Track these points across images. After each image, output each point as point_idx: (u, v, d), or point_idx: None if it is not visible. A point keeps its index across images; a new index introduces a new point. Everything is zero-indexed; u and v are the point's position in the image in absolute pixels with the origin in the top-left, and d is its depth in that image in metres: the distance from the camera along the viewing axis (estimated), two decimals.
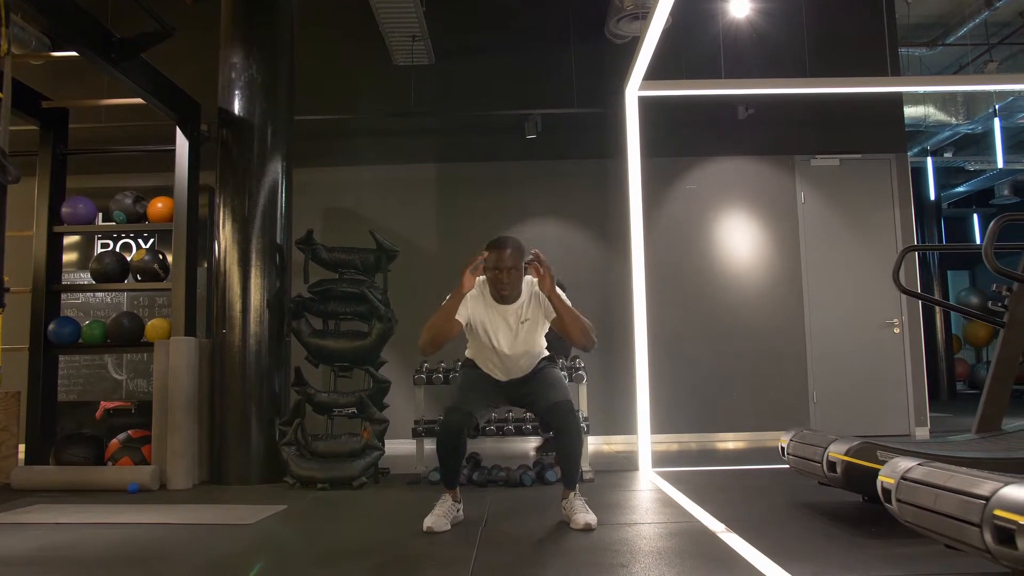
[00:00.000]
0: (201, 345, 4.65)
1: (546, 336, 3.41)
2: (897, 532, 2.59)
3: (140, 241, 6.70)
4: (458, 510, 3.24)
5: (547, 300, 3.20)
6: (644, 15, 5.62)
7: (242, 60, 4.74)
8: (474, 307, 3.23)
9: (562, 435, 3.15)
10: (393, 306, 4.74)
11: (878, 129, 6.86)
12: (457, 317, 3.17)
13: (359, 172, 6.83)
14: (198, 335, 4.76)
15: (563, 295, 3.25)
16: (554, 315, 3.19)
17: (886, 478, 2.27)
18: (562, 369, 3.96)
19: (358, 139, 6.87)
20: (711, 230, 6.76)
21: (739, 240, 6.75)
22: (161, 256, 4.98)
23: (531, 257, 3.20)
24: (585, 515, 3.07)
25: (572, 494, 3.19)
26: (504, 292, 3.19)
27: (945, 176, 11.99)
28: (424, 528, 3.04)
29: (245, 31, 4.80)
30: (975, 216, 13.34)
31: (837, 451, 3.03)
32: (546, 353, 3.43)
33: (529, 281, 3.27)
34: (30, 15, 4.08)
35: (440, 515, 3.12)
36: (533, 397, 3.28)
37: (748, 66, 6.53)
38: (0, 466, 4.61)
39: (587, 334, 3.21)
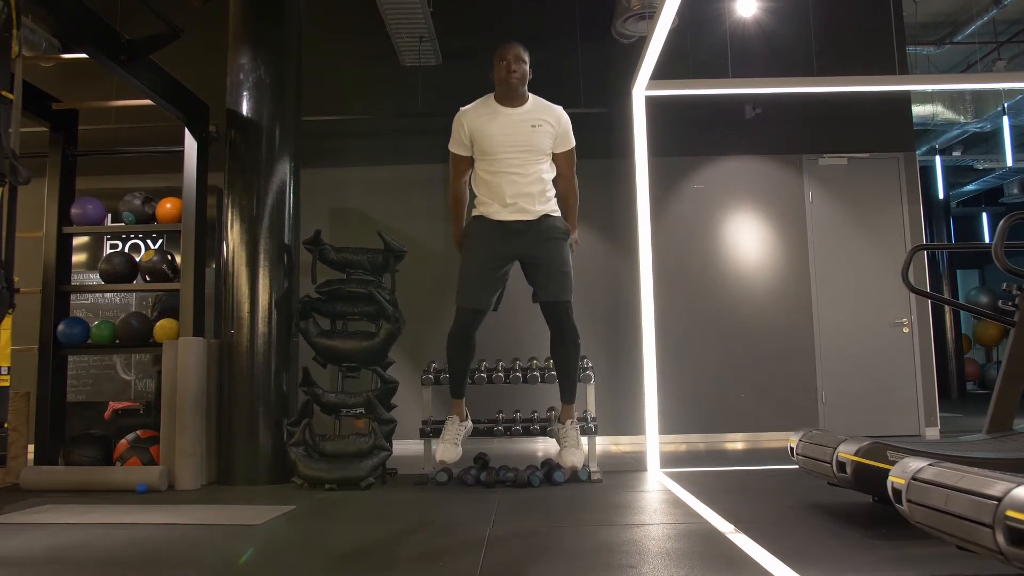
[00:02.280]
0: (209, 345, 4.66)
1: None
2: (908, 533, 2.58)
3: (149, 242, 6.72)
4: (466, 428, 3.27)
5: (565, 133, 3.53)
6: (651, 15, 5.62)
7: (250, 61, 4.74)
8: (472, 118, 3.35)
9: (557, 343, 3.25)
10: (401, 307, 4.74)
11: (886, 128, 6.84)
12: (457, 150, 3.38)
13: (367, 172, 6.84)
14: (206, 335, 4.78)
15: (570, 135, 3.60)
16: (564, 149, 3.37)
17: (896, 478, 2.25)
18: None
19: (366, 139, 6.88)
20: (719, 230, 6.74)
21: (747, 240, 6.73)
22: (170, 257, 5.00)
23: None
24: (574, 452, 3.10)
25: (569, 421, 3.23)
26: (512, 81, 3.29)
27: (954, 175, 11.95)
28: (437, 460, 3.06)
29: (253, 32, 4.81)
30: (984, 215, 13.28)
31: (847, 451, 3.02)
32: (555, 203, 3.53)
33: (546, 104, 3.43)
34: (41, 17, 4.09)
35: (450, 441, 3.13)
36: (538, 279, 3.39)
37: (755, 65, 6.51)
38: (10, 466, 4.63)
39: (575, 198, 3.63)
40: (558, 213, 3.54)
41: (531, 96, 3.43)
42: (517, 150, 3.26)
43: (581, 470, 4.02)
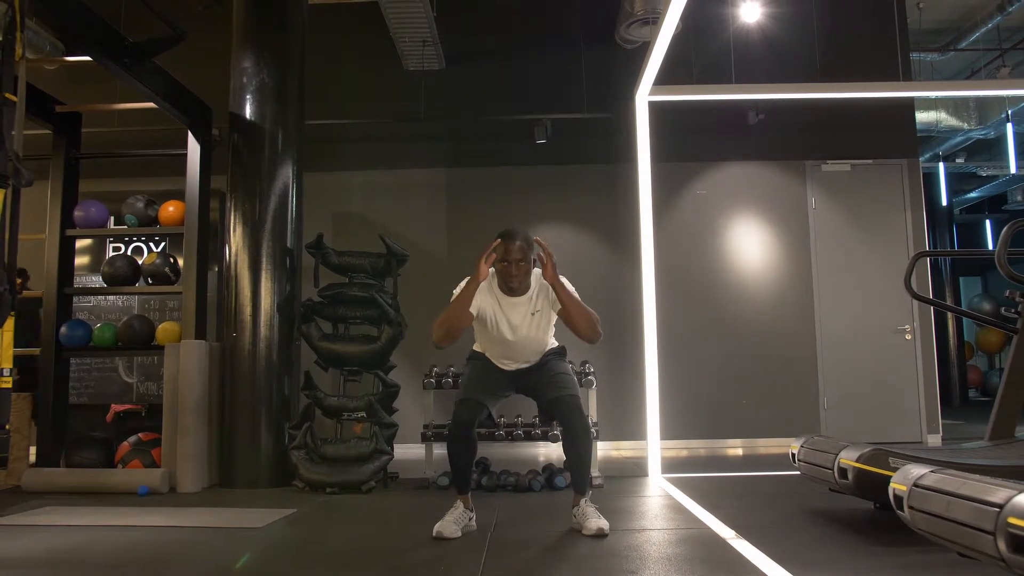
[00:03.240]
0: (211, 349, 4.66)
1: None
2: (909, 540, 2.57)
3: (151, 245, 6.73)
4: (470, 519, 3.19)
5: (552, 294, 3.20)
6: (654, 20, 5.62)
7: (253, 65, 4.76)
8: (482, 298, 3.22)
9: (568, 435, 3.14)
10: (403, 310, 4.74)
11: (889, 134, 6.83)
12: (464, 307, 3.17)
13: (369, 176, 6.85)
14: (208, 339, 4.78)
15: (568, 285, 3.23)
16: (560, 306, 3.19)
17: (898, 485, 2.25)
18: (572, 368, 3.93)
19: (368, 143, 6.88)
20: (721, 235, 6.74)
21: (750, 245, 6.73)
22: (172, 260, 5.01)
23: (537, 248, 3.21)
24: (597, 520, 3.05)
25: (583, 500, 3.16)
26: (513, 284, 3.19)
27: (957, 181, 11.93)
28: (433, 533, 3.02)
29: (256, 36, 4.82)
30: (987, 222, 13.25)
31: (848, 458, 3.01)
32: (555, 344, 3.42)
33: (538, 273, 3.27)
34: (44, 20, 4.11)
35: (451, 521, 3.09)
36: (539, 388, 3.25)
37: (759, 71, 6.51)
38: (12, 468, 4.63)
39: (592, 325, 3.18)
40: (556, 344, 3.43)
41: (532, 278, 3.28)
42: (519, 335, 3.25)
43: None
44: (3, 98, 2.94)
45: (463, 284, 3.24)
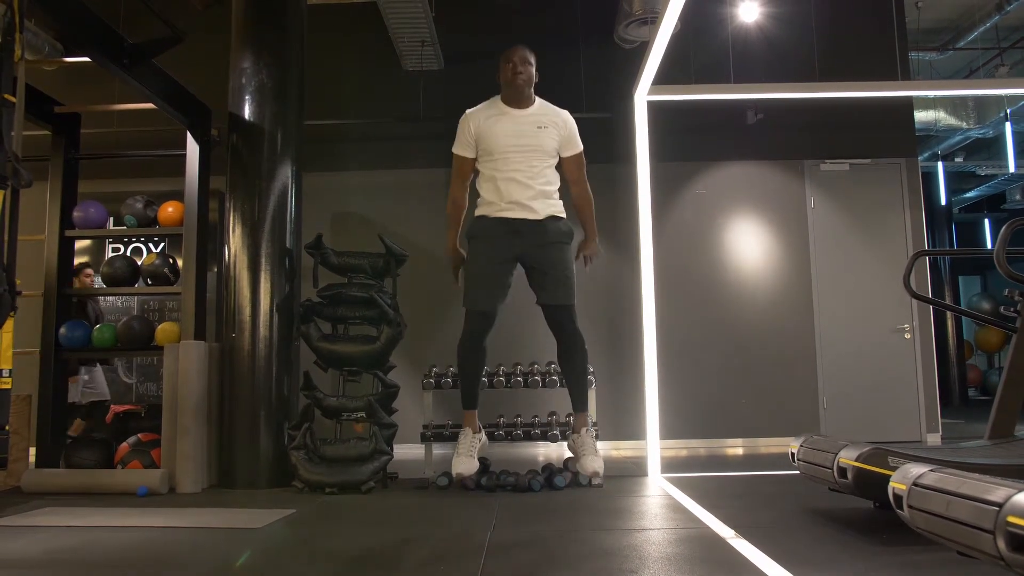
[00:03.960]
0: (211, 349, 4.66)
1: None
2: (909, 539, 2.57)
3: (151, 245, 6.73)
4: (480, 440, 3.22)
5: (571, 136, 3.52)
6: (653, 20, 5.62)
7: (252, 65, 4.75)
8: (479, 119, 3.32)
9: (563, 350, 3.20)
10: (402, 311, 4.74)
11: (888, 134, 6.84)
12: (462, 152, 3.33)
13: (368, 177, 6.85)
14: (208, 339, 4.78)
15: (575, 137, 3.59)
16: (571, 152, 3.34)
17: (897, 484, 2.25)
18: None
19: (368, 144, 6.89)
20: (720, 235, 6.74)
21: (748, 245, 6.73)
22: (171, 260, 5.00)
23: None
24: (594, 459, 3.07)
25: (584, 429, 3.19)
26: (519, 82, 3.28)
27: (956, 181, 11.95)
28: (455, 475, 3.03)
29: (255, 36, 4.82)
30: (986, 221, 13.28)
31: (848, 457, 3.01)
32: (560, 206, 3.51)
33: (552, 107, 3.41)
34: (43, 21, 4.11)
35: (464, 454, 3.10)
36: (540, 280, 3.36)
37: (757, 70, 6.52)
38: (11, 469, 4.63)
39: (590, 204, 3.61)
40: (564, 215, 3.52)
41: (537, 99, 3.42)
42: (523, 151, 3.26)
43: (582, 475, 4.01)
44: (2, 99, 2.95)
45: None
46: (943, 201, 11.63)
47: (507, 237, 3.31)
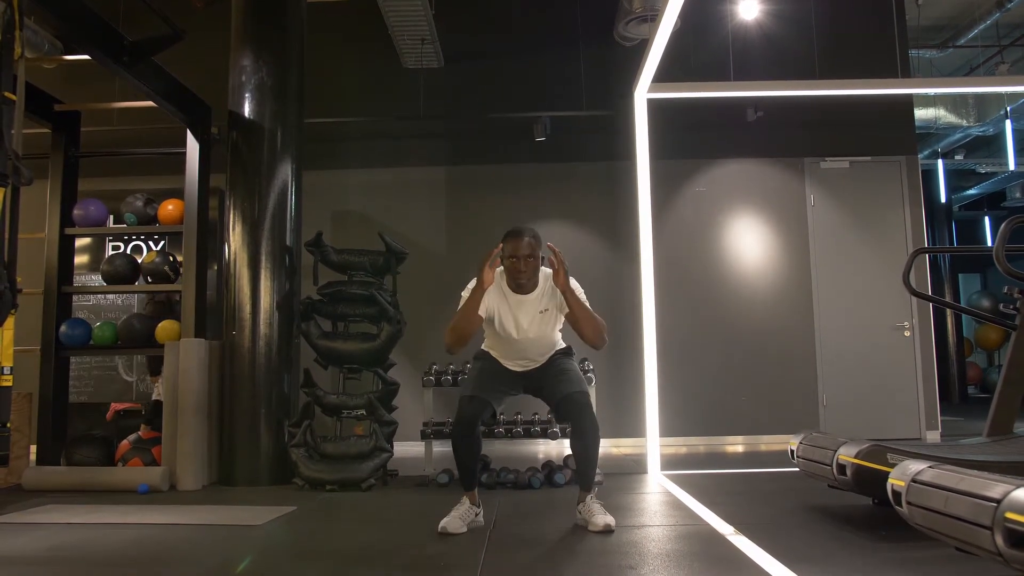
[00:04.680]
0: (211, 347, 4.67)
1: None
2: (907, 535, 2.57)
3: (151, 243, 6.73)
4: (476, 514, 3.19)
5: (559, 296, 3.22)
6: (653, 18, 5.62)
7: (252, 63, 4.76)
8: (491, 297, 3.23)
9: (576, 432, 3.14)
10: (402, 308, 4.75)
11: (888, 131, 6.83)
12: (475, 310, 3.17)
13: (369, 175, 6.85)
14: (208, 337, 4.78)
15: (578, 289, 3.25)
16: (568, 309, 3.20)
17: (896, 481, 2.26)
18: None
19: (368, 142, 6.88)
20: (720, 233, 6.74)
21: (748, 243, 6.73)
22: (171, 258, 5.01)
23: (547, 251, 3.23)
24: (603, 516, 3.05)
25: (589, 497, 3.16)
26: (521, 280, 3.19)
27: (956, 178, 11.94)
28: (439, 529, 3.02)
29: (255, 34, 4.82)
30: (986, 218, 13.27)
31: (847, 454, 3.02)
32: (563, 344, 3.42)
33: (547, 273, 3.28)
34: (43, 19, 4.11)
35: (456, 517, 3.08)
36: (547, 387, 3.25)
37: (757, 68, 6.51)
38: (12, 467, 4.64)
39: (599, 332, 3.20)
40: (565, 345, 3.43)
41: (539, 275, 3.28)
42: (528, 335, 3.25)
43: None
44: (2, 97, 2.95)
45: (470, 286, 3.24)
46: (943, 199, 11.63)
47: (512, 375, 3.33)
